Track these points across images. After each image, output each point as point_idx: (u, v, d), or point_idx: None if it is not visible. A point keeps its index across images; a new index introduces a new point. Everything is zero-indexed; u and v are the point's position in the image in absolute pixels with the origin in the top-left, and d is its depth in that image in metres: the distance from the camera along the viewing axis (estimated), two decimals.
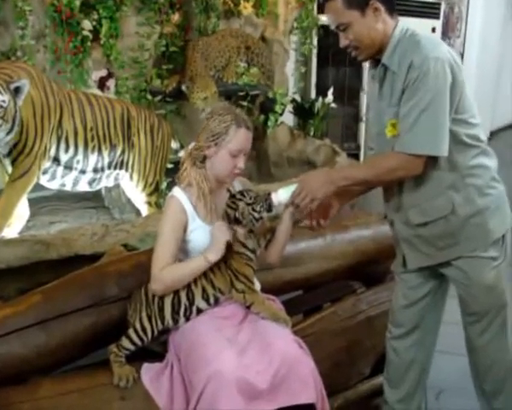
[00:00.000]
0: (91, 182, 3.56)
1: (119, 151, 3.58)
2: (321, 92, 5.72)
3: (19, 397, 1.74)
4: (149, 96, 4.31)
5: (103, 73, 4.09)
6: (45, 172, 3.31)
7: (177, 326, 1.89)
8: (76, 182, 3.49)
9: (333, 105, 5.39)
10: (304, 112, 5.33)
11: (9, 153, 3.10)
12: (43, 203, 3.80)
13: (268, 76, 5.02)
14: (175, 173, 2.02)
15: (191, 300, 1.86)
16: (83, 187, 3.57)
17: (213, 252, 1.85)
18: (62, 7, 3.69)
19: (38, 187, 3.41)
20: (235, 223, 1.87)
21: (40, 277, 2.45)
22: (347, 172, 1.93)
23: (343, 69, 6.51)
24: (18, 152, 3.10)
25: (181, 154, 3.91)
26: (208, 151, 1.91)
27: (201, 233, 1.92)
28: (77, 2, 3.75)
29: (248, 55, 4.87)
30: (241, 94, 4.78)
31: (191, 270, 1.86)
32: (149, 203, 3.76)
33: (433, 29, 7.01)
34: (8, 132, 2.94)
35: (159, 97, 4.37)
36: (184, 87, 4.32)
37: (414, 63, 1.69)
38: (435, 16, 7.01)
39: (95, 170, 3.50)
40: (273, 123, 5.11)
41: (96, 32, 3.92)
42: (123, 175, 3.69)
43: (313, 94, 6.12)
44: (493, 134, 8.65)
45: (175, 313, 1.86)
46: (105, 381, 1.82)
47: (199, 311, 1.88)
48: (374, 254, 2.56)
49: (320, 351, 2.06)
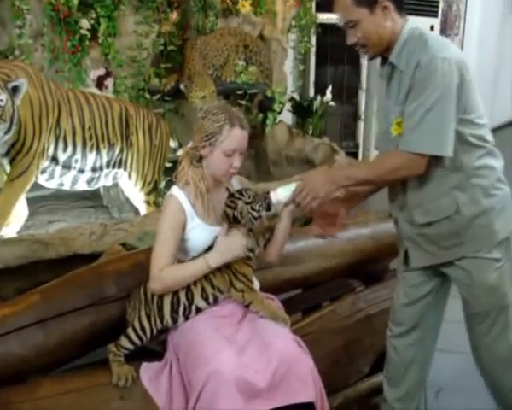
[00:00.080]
0: (90, 181, 3.56)
1: (118, 150, 3.58)
2: (319, 91, 5.72)
3: (18, 397, 1.74)
4: (147, 95, 4.32)
5: (101, 72, 4.09)
6: (43, 171, 3.31)
7: (176, 325, 1.88)
8: (74, 181, 3.48)
9: (331, 103, 5.38)
10: (302, 110, 5.33)
11: (7, 152, 3.10)
12: (41, 203, 3.79)
13: (266, 74, 5.02)
14: (173, 172, 2.01)
15: (190, 299, 1.86)
16: (81, 186, 3.57)
17: (217, 259, 1.84)
18: (60, 6, 3.69)
19: (37, 186, 3.41)
20: (234, 222, 1.87)
21: (39, 276, 2.45)
22: (350, 171, 1.92)
23: (341, 67, 6.51)
24: (16, 151, 3.10)
25: (179, 153, 3.92)
26: (203, 151, 1.90)
27: (200, 232, 1.92)
28: (75, 0, 3.75)
29: (247, 53, 4.86)
30: (240, 93, 4.78)
31: (191, 273, 1.86)
32: (148, 202, 3.76)
33: (432, 27, 7.00)
34: (6, 132, 2.94)
35: (157, 96, 4.37)
36: (183, 86, 4.32)
37: (421, 62, 1.69)
38: (433, 14, 7.00)
39: (93, 169, 3.50)
40: (272, 122, 5.11)
41: (94, 31, 3.92)
42: (121, 174, 3.69)
43: (312, 92, 6.12)
44: (491, 132, 8.63)
45: (174, 313, 1.86)
46: (104, 380, 1.82)
47: (198, 310, 1.88)
48: (373, 252, 2.56)
49: (319, 350, 2.06)
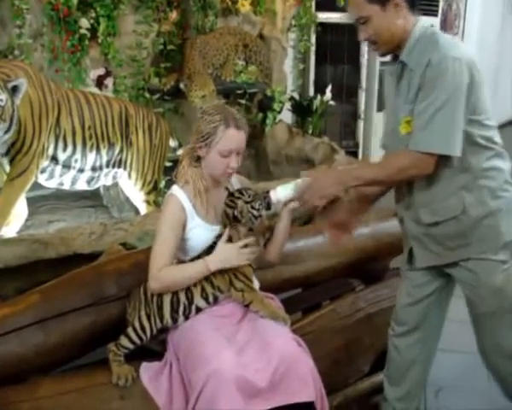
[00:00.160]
0: (90, 181, 3.56)
1: (118, 150, 3.58)
2: (319, 90, 5.71)
3: (18, 396, 1.74)
4: (147, 94, 4.32)
5: (101, 72, 4.08)
6: (43, 171, 3.31)
7: (176, 325, 1.88)
8: (74, 181, 3.48)
9: (331, 103, 5.38)
10: (302, 110, 5.33)
11: (7, 152, 3.10)
12: (41, 202, 3.79)
13: (266, 74, 5.01)
14: (173, 172, 2.01)
15: (190, 299, 1.86)
16: (81, 186, 3.57)
17: (217, 265, 1.84)
18: (60, 5, 3.69)
19: (37, 186, 3.41)
20: (234, 221, 1.87)
21: (39, 276, 2.45)
22: (358, 171, 1.90)
23: (341, 67, 6.51)
24: (16, 151, 3.10)
25: (179, 152, 3.93)
26: (201, 151, 1.90)
27: (200, 231, 1.92)
28: (74, 0, 3.75)
29: (246, 53, 4.86)
30: (240, 92, 4.78)
31: (191, 274, 1.86)
32: (148, 202, 3.76)
33: (431, 26, 6.99)
34: (5, 131, 2.94)
35: (157, 96, 4.37)
36: (182, 85, 4.32)
37: (432, 61, 1.68)
38: (433, 13, 7.00)
39: (93, 169, 3.50)
40: (271, 121, 5.11)
41: (94, 31, 3.92)
42: (121, 174, 3.69)
43: (311, 92, 6.12)
44: None
45: (174, 312, 1.86)
46: (104, 380, 1.81)
47: (198, 310, 1.87)
48: (373, 251, 2.55)
49: (319, 349, 2.06)
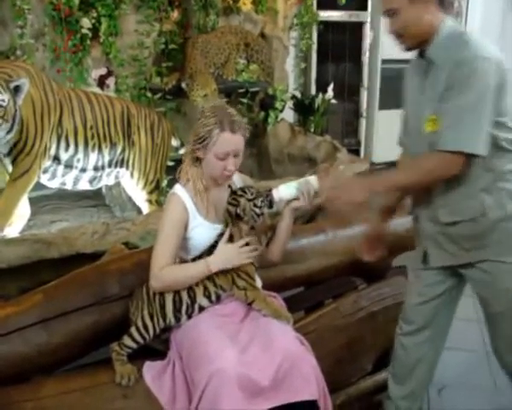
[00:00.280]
0: (92, 180, 3.56)
1: (120, 149, 3.58)
2: (321, 88, 5.71)
3: (22, 396, 1.75)
4: (149, 93, 4.32)
5: (103, 72, 4.09)
6: (46, 171, 3.31)
7: (179, 324, 1.88)
8: (76, 180, 3.49)
9: (333, 101, 5.38)
10: (304, 108, 5.32)
11: (10, 152, 3.10)
12: (43, 202, 3.80)
13: (268, 73, 5.01)
14: (175, 171, 2.01)
15: (193, 298, 1.86)
16: (83, 186, 3.57)
17: (218, 266, 1.85)
18: (61, 5, 3.70)
19: (39, 186, 3.42)
20: (236, 219, 1.87)
21: (41, 276, 2.46)
22: (387, 177, 1.87)
23: (343, 65, 6.50)
24: (18, 151, 3.10)
25: (181, 151, 3.93)
26: (199, 153, 1.90)
27: (202, 230, 1.92)
28: (76, 0, 3.75)
29: (248, 51, 4.86)
30: (241, 91, 4.78)
31: (192, 275, 1.86)
32: (150, 201, 3.76)
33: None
34: (8, 131, 2.94)
35: (159, 95, 4.37)
36: (184, 85, 4.32)
37: (462, 61, 1.66)
38: None
39: (95, 168, 3.51)
40: (273, 120, 5.11)
41: (96, 31, 3.93)
42: (123, 173, 3.69)
43: (313, 90, 6.11)
44: None
45: (177, 311, 1.86)
46: (107, 379, 1.82)
47: (201, 309, 1.88)
48: None
49: (322, 348, 2.06)
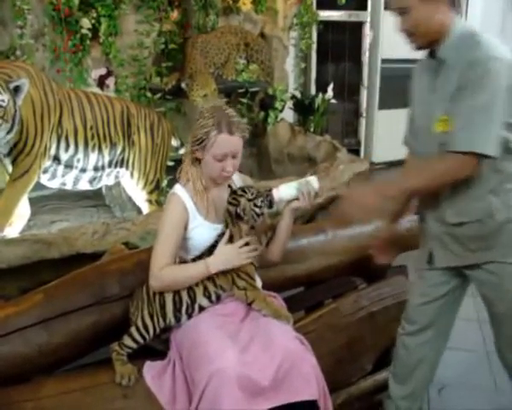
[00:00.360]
0: (92, 180, 3.56)
1: (120, 149, 3.58)
2: (321, 88, 5.72)
3: (22, 396, 1.75)
4: (149, 93, 4.32)
5: (103, 72, 4.09)
6: (46, 171, 3.31)
7: (179, 324, 1.88)
8: (76, 181, 3.49)
9: (333, 101, 5.38)
10: (304, 108, 5.33)
11: (10, 152, 3.10)
12: (43, 202, 3.80)
13: (267, 72, 5.02)
14: (175, 171, 2.01)
15: (193, 298, 1.86)
16: (83, 186, 3.58)
17: (218, 267, 1.85)
18: (61, 5, 3.70)
19: (39, 186, 3.42)
20: (236, 219, 1.87)
21: (42, 276, 2.46)
22: (400, 182, 1.85)
23: (343, 65, 6.51)
24: (18, 151, 3.10)
25: (181, 151, 3.93)
26: (197, 154, 1.90)
27: (202, 230, 1.92)
28: (75, 0, 3.76)
29: (248, 51, 4.86)
30: (241, 91, 4.78)
31: (191, 275, 1.86)
32: (150, 201, 3.76)
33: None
34: (8, 132, 2.94)
35: (158, 95, 4.38)
36: (184, 85, 4.32)
37: (475, 61, 1.65)
38: None
39: (95, 168, 3.51)
40: (273, 119, 5.11)
41: (95, 31, 3.93)
42: (123, 173, 3.69)
43: (313, 90, 6.12)
44: None
45: (177, 311, 1.86)
46: (107, 379, 1.82)
47: (201, 309, 1.88)
48: None
49: (322, 348, 2.06)
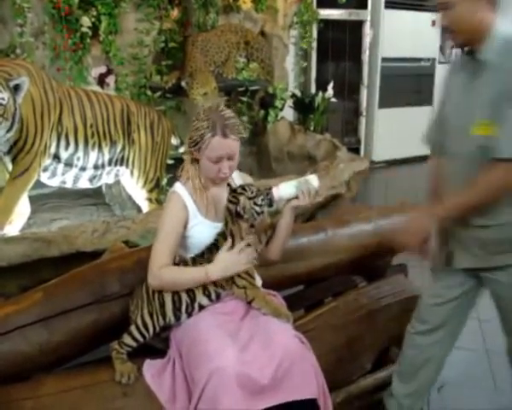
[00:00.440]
0: (92, 179, 3.56)
1: (120, 148, 3.58)
2: (321, 87, 5.72)
3: (22, 394, 1.75)
4: (149, 92, 4.33)
5: (103, 70, 4.09)
6: (46, 169, 3.32)
7: (179, 323, 1.88)
8: (76, 179, 3.49)
9: (333, 99, 5.38)
10: (304, 107, 5.33)
11: (10, 150, 3.10)
12: (43, 200, 3.80)
13: (268, 71, 5.01)
14: (175, 169, 2.01)
15: (192, 296, 1.86)
16: (83, 184, 3.58)
17: (218, 274, 1.84)
18: (61, 3, 3.70)
19: (39, 184, 3.42)
20: (236, 217, 1.87)
21: (41, 274, 2.46)
22: (454, 202, 1.82)
23: (343, 64, 6.52)
24: (18, 150, 3.10)
25: (181, 150, 3.93)
26: (195, 154, 1.91)
27: (202, 229, 1.92)
28: None
29: (248, 50, 4.86)
30: (241, 89, 4.78)
31: (190, 280, 1.85)
32: (150, 200, 3.76)
33: (433, 22, 6.98)
34: (8, 130, 2.94)
35: (158, 93, 4.38)
36: (184, 83, 4.32)
37: None
38: (435, 9, 6.94)
39: (95, 167, 3.51)
40: (273, 118, 5.11)
41: (95, 29, 3.93)
42: (123, 172, 3.69)
43: (313, 89, 6.13)
44: None
45: (176, 310, 1.86)
46: (107, 378, 1.82)
47: (201, 307, 1.88)
48: (375, 248, 2.55)
49: (321, 346, 2.07)
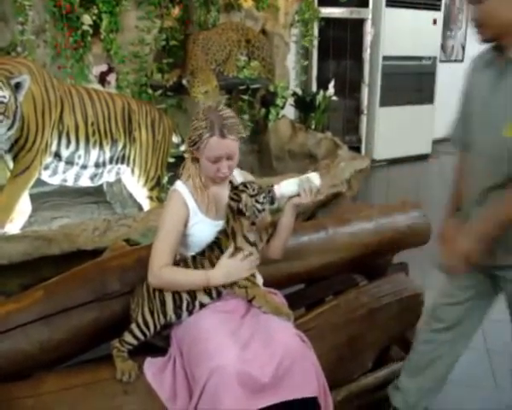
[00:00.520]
0: (93, 177, 3.56)
1: (121, 146, 3.58)
2: (322, 85, 5.71)
3: (23, 392, 1.75)
4: (150, 90, 4.31)
5: (104, 68, 4.08)
6: (47, 167, 3.32)
7: (180, 321, 1.88)
8: (77, 177, 3.49)
9: (334, 98, 5.38)
10: (305, 105, 5.32)
11: (11, 149, 3.10)
12: (44, 199, 3.80)
13: (269, 69, 5.01)
14: (176, 168, 2.01)
15: (193, 295, 1.86)
16: (84, 182, 3.58)
17: (219, 280, 1.85)
18: (62, 1, 3.69)
19: (40, 182, 3.42)
20: (238, 214, 1.86)
21: (42, 272, 2.46)
22: (495, 216, 1.78)
23: (344, 62, 6.51)
24: (19, 148, 3.10)
25: (182, 148, 3.93)
26: (195, 153, 1.91)
27: (203, 227, 1.92)
28: None
29: (249, 48, 4.85)
30: (242, 88, 4.77)
31: (190, 283, 1.85)
32: (151, 198, 3.77)
33: (434, 21, 6.98)
34: (9, 128, 2.95)
35: (159, 92, 4.36)
36: (185, 81, 4.31)
37: None
38: (436, 8, 6.97)
39: (96, 165, 3.51)
40: (274, 116, 5.11)
41: (96, 27, 3.92)
42: (124, 170, 3.69)
43: (314, 87, 6.12)
44: None
45: (177, 308, 1.86)
46: (108, 376, 1.82)
47: (201, 305, 1.88)
48: (376, 246, 2.55)
49: (322, 345, 2.07)
